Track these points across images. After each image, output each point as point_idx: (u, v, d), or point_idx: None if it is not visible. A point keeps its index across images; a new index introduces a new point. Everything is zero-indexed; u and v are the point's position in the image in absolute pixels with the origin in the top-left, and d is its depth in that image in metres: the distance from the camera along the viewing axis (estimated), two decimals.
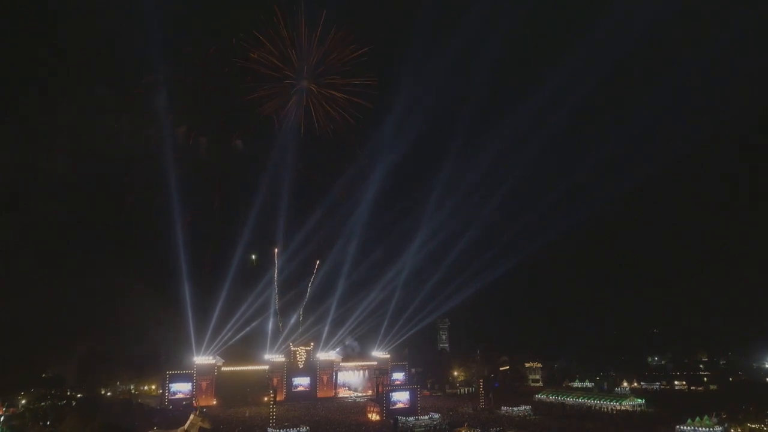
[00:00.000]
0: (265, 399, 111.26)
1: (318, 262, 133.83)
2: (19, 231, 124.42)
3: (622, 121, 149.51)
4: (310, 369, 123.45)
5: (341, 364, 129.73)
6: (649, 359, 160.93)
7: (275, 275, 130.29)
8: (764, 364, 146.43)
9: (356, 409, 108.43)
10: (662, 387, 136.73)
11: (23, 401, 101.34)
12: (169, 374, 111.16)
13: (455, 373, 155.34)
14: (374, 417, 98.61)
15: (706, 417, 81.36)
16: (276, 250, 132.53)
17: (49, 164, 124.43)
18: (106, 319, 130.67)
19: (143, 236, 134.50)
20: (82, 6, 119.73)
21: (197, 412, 67.73)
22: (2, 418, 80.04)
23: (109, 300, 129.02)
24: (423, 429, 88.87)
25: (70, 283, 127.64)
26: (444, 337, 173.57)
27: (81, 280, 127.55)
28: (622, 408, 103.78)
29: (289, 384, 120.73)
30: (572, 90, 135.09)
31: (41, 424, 74.60)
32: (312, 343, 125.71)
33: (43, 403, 74.04)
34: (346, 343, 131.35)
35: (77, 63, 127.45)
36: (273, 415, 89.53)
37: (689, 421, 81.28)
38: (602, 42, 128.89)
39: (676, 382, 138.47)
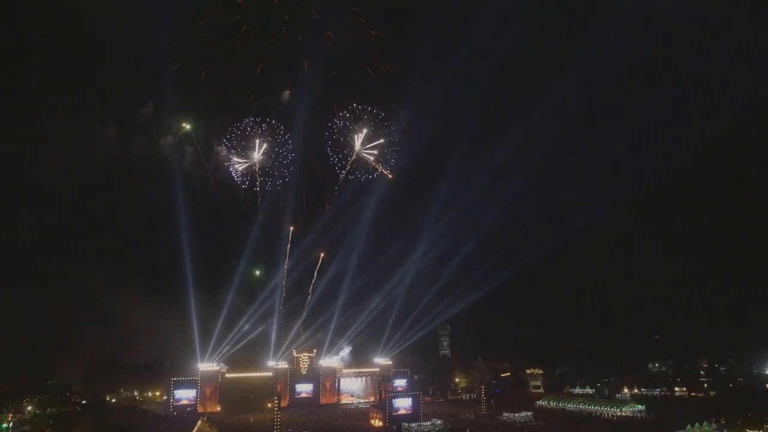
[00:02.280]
0: (269, 405, 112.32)
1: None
2: (20, 236, 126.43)
3: (625, 125, 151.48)
4: (313, 376, 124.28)
5: (344, 370, 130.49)
6: (650, 365, 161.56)
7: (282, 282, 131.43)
8: (764, 370, 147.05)
9: (359, 415, 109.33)
10: (663, 393, 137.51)
11: (29, 407, 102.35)
12: (173, 381, 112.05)
13: (457, 380, 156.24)
14: (377, 423, 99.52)
15: (705, 423, 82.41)
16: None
17: (51, 169, 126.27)
18: (109, 325, 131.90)
19: (147, 242, 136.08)
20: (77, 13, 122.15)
21: (205, 419, 68.81)
22: (11, 424, 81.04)
23: (112, 306, 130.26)
24: None
25: (72, 288, 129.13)
26: (445, 343, 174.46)
27: (83, 285, 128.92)
28: (623, 414, 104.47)
29: (292, 390, 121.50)
30: (576, 95, 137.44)
31: (51, 430, 75.35)
32: (315, 350, 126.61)
33: (53, 410, 74.72)
34: (340, 353, 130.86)
35: (71, 71, 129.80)
36: (277, 421, 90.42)
37: (689, 427, 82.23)
38: (600, 53, 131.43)
39: (676, 389, 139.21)
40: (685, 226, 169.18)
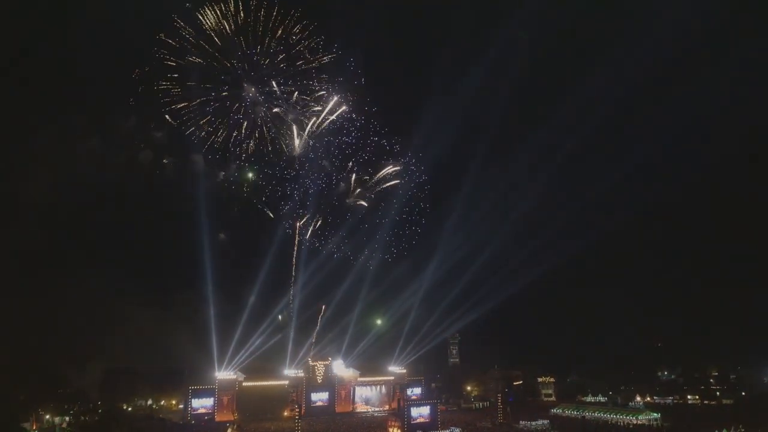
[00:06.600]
0: (285, 414, 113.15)
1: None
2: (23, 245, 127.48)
3: (641, 140, 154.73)
4: (329, 384, 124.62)
5: (359, 379, 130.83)
6: (659, 373, 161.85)
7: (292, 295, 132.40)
8: None
9: (376, 423, 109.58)
10: (675, 401, 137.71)
11: (47, 416, 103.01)
12: (191, 389, 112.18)
13: (468, 388, 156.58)
14: (395, 431, 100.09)
15: (725, 431, 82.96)
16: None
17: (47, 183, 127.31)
18: (125, 333, 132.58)
19: (166, 251, 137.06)
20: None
21: (235, 426, 69.56)
22: None
23: (131, 315, 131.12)
24: None
25: (84, 297, 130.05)
26: (455, 351, 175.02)
27: (101, 295, 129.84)
28: (639, 422, 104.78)
29: (308, 399, 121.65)
30: (601, 98, 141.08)
31: None
32: (330, 359, 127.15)
33: (86, 418, 75.42)
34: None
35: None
36: (298, 430, 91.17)
37: None
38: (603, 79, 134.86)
39: (689, 396, 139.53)
40: (691, 236, 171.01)
